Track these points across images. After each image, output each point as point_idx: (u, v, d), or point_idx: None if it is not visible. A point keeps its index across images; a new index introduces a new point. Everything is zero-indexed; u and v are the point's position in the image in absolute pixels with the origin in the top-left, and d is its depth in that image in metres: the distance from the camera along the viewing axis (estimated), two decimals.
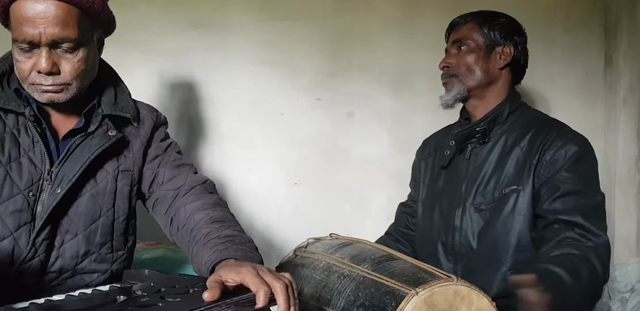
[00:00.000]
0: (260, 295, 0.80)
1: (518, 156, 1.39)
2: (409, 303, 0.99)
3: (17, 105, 1.09)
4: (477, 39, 1.48)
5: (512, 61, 1.48)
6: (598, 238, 1.26)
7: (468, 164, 1.48)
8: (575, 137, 1.37)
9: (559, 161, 1.33)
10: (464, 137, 1.48)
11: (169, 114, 1.37)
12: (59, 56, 1.05)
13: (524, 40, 1.52)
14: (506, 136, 1.44)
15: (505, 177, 1.39)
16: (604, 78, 2.14)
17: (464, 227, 1.42)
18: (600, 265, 1.23)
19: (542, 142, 1.36)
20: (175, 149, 1.29)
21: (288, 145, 2.16)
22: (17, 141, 1.09)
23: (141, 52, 2.12)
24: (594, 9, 2.14)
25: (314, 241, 1.40)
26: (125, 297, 0.79)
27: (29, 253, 1.07)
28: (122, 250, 1.20)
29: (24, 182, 1.07)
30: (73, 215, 1.12)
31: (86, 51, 1.07)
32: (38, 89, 1.06)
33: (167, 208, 1.21)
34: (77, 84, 1.08)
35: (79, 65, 1.07)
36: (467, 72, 1.47)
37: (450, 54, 1.52)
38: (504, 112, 1.46)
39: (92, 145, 1.12)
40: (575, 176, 1.31)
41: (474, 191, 1.43)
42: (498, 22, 1.48)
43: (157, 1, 2.09)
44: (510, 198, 1.36)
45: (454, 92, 1.48)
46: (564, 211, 1.29)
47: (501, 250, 1.36)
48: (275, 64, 2.16)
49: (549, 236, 1.29)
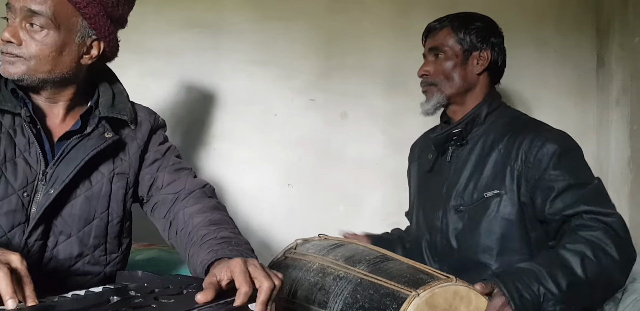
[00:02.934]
0: (240, 293, 0.81)
1: (496, 158, 1.39)
2: (411, 305, 0.99)
3: (14, 106, 1.08)
4: (453, 45, 1.47)
5: (489, 64, 1.48)
6: (609, 216, 1.24)
7: (449, 166, 1.48)
8: (553, 136, 1.36)
9: (542, 161, 1.32)
10: (443, 141, 1.49)
11: (163, 115, 1.37)
12: (27, 31, 1.05)
13: (500, 41, 1.51)
14: (484, 138, 1.43)
15: (484, 179, 1.39)
16: (596, 79, 2.15)
17: (444, 228, 1.43)
18: (614, 246, 1.20)
19: (522, 145, 1.35)
20: (174, 153, 1.29)
21: (282, 145, 2.16)
22: (12, 141, 1.08)
23: (134, 52, 2.11)
24: (586, 10, 2.15)
25: (303, 242, 1.39)
26: (118, 298, 0.79)
27: (22, 253, 1.06)
28: (116, 253, 1.20)
29: (19, 182, 1.06)
30: (67, 217, 1.11)
31: (57, 38, 1.06)
32: (2, 60, 1.06)
33: (167, 212, 1.20)
34: (34, 65, 1.06)
35: (42, 46, 1.05)
36: (446, 80, 1.47)
37: (428, 61, 1.52)
38: (481, 114, 1.46)
39: (87, 147, 1.11)
40: (564, 171, 1.30)
41: (454, 193, 1.43)
42: (474, 27, 1.47)
43: (151, 1, 2.08)
44: (492, 202, 1.36)
45: (433, 102, 1.48)
46: (567, 207, 1.27)
47: (484, 253, 1.36)
48: (269, 65, 2.16)
49: (563, 235, 1.27)
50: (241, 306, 0.79)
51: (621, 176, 1.93)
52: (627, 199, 1.88)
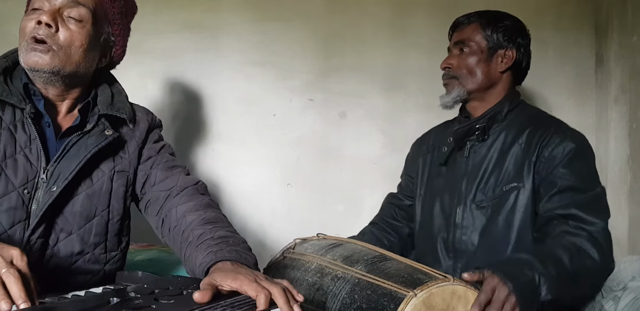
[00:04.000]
0: (260, 298, 0.80)
1: (517, 153, 1.40)
2: (408, 305, 0.99)
3: (19, 100, 1.08)
4: (480, 41, 1.48)
5: (513, 64, 1.49)
6: (593, 226, 1.27)
7: (467, 162, 1.48)
8: (572, 134, 1.39)
9: (557, 157, 1.34)
10: (463, 134, 1.49)
11: (162, 116, 1.37)
12: (64, 19, 1.08)
13: (527, 42, 1.52)
14: (505, 133, 1.45)
15: (505, 174, 1.40)
16: (595, 78, 2.15)
17: (466, 224, 1.43)
18: (597, 252, 1.23)
19: (540, 139, 1.38)
20: (168, 151, 1.29)
21: (281, 145, 2.16)
22: (13, 137, 1.08)
23: (133, 53, 2.09)
24: (585, 9, 2.15)
25: (301, 241, 1.39)
26: (118, 299, 0.79)
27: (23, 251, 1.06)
28: (116, 251, 1.20)
29: (19, 179, 1.06)
30: (68, 214, 1.11)
31: (91, 32, 1.10)
32: (28, 48, 1.06)
33: (159, 209, 1.20)
34: (64, 56, 1.07)
35: (76, 36, 1.08)
36: (468, 74, 1.47)
37: (453, 54, 1.52)
38: (503, 110, 1.47)
39: (88, 144, 1.11)
40: (572, 172, 1.33)
41: (475, 188, 1.43)
42: (502, 25, 1.48)
43: (149, 2, 2.08)
44: (511, 195, 1.38)
45: (453, 95, 1.48)
46: (561, 206, 1.30)
47: (501, 247, 1.37)
48: (267, 65, 2.16)
49: (547, 233, 1.30)
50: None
51: (620, 174, 1.93)
52: (626, 197, 1.88)
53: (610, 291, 1.28)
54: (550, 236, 1.28)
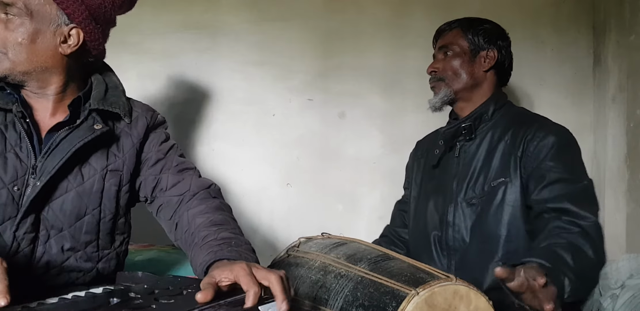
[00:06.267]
0: (249, 295, 0.80)
1: (503, 149, 1.44)
2: (410, 303, 0.99)
3: (5, 102, 1.09)
4: (462, 44, 1.55)
5: (496, 63, 1.55)
6: (586, 221, 1.28)
7: (458, 162, 1.52)
8: (557, 129, 1.44)
9: (542, 151, 1.38)
10: (452, 135, 1.53)
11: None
12: (2, 22, 1.06)
13: (507, 44, 1.58)
14: (492, 132, 1.49)
15: (493, 170, 1.44)
16: (593, 77, 2.15)
17: (457, 222, 1.46)
18: (591, 248, 1.25)
19: (525, 135, 1.41)
20: (177, 153, 1.29)
21: (280, 146, 2.17)
22: (4, 136, 1.08)
23: (132, 53, 2.12)
24: (583, 9, 2.15)
25: (306, 240, 1.40)
26: (119, 299, 0.79)
27: (12, 247, 1.06)
28: (109, 249, 1.20)
29: (9, 176, 1.07)
30: (58, 211, 1.11)
31: (29, 25, 1.07)
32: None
33: (172, 214, 1.21)
34: (12, 57, 1.07)
35: (14, 34, 1.06)
36: (454, 75, 1.53)
37: (437, 59, 1.58)
38: (489, 110, 1.51)
39: (74, 138, 1.11)
40: (560, 164, 1.36)
41: (465, 186, 1.47)
42: (482, 28, 1.55)
43: (148, 2, 2.08)
44: (499, 191, 1.40)
45: (441, 95, 1.54)
46: (552, 199, 1.32)
47: (492, 242, 1.40)
48: (266, 65, 2.17)
49: (540, 227, 1.32)
50: (252, 308, 0.80)
51: (618, 173, 1.93)
52: (624, 196, 1.89)
53: (608, 289, 1.28)
54: (544, 232, 1.30)
